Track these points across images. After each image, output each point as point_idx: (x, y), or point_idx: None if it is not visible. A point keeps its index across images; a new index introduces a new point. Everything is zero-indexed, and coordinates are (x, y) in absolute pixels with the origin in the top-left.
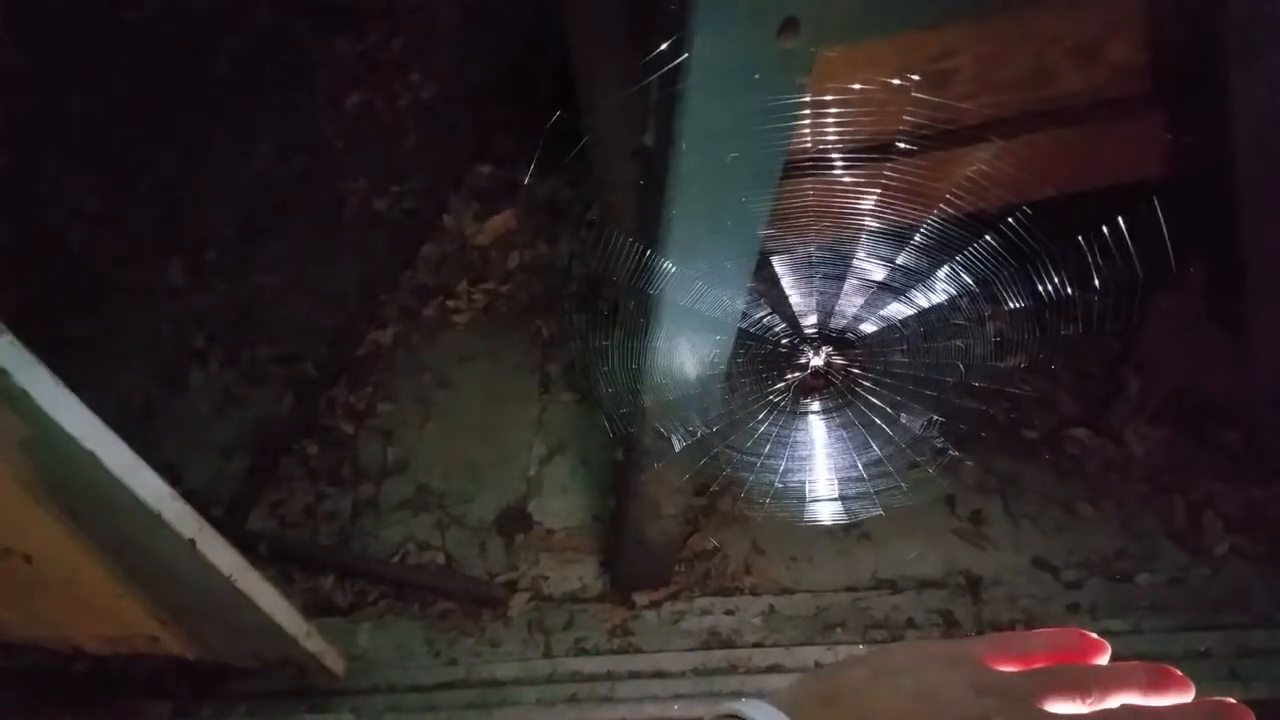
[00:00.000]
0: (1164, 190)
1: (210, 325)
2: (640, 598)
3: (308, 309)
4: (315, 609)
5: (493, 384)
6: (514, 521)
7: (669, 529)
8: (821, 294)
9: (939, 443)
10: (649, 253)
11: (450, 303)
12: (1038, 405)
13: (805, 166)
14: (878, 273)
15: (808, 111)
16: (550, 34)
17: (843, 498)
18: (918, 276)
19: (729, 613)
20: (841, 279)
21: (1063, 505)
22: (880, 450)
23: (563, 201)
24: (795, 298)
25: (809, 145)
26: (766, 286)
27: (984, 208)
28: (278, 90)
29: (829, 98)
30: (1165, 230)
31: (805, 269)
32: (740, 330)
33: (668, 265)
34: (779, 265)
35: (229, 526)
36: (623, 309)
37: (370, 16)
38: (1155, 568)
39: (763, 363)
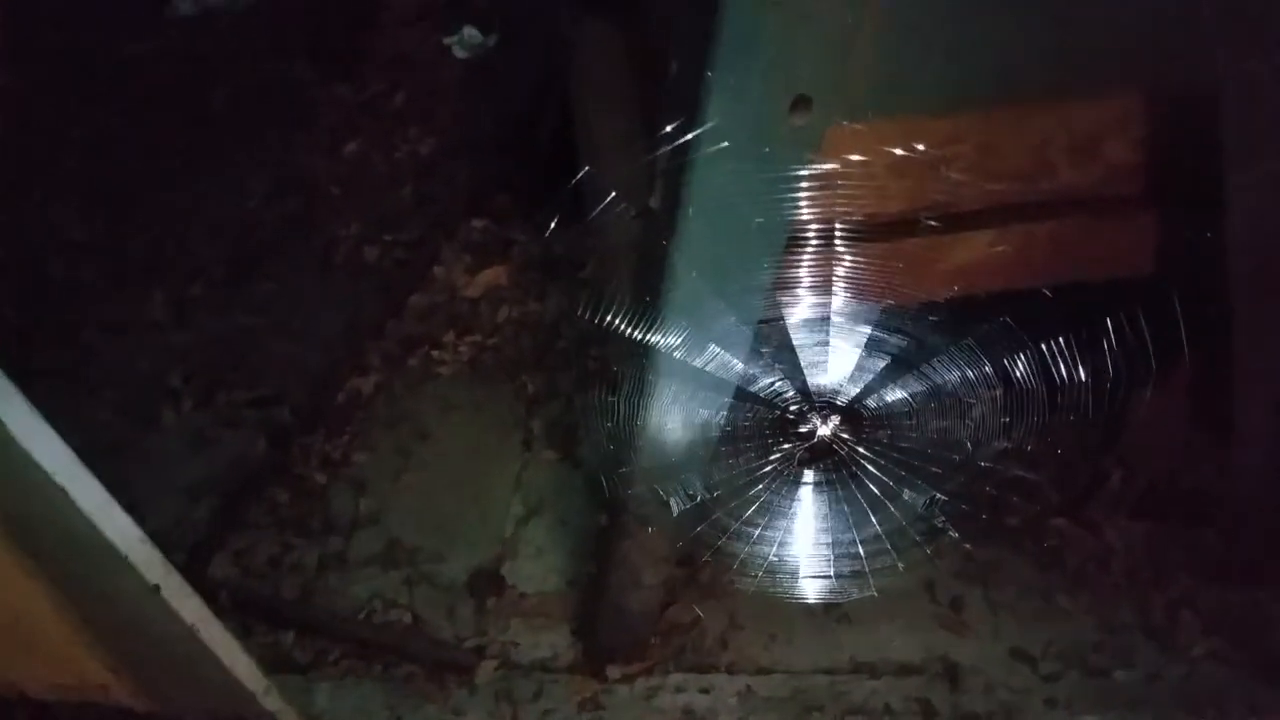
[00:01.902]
0: (1155, 287)
1: (188, 363)
2: (613, 670)
3: (289, 352)
4: (274, 664)
5: (474, 439)
6: (486, 583)
7: (649, 600)
8: (833, 364)
9: (939, 522)
10: (650, 313)
11: (435, 353)
12: (1021, 493)
13: (813, 237)
14: (890, 347)
15: (815, 185)
16: (554, 94)
17: (837, 575)
18: (929, 354)
19: (704, 691)
20: (854, 350)
21: (1042, 595)
22: (879, 526)
23: (555, 259)
24: (807, 366)
25: (816, 216)
26: (779, 352)
27: (978, 292)
28: (275, 132)
29: (835, 169)
30: (1154, 326)
31: (819, 338)
32: (749, 395)
33: (669, 326)
34: (793, 332)
35: (190, 572)
36: (620, 368)
37: (374, 68)
38: (1132, 664)
39: (768, 429)
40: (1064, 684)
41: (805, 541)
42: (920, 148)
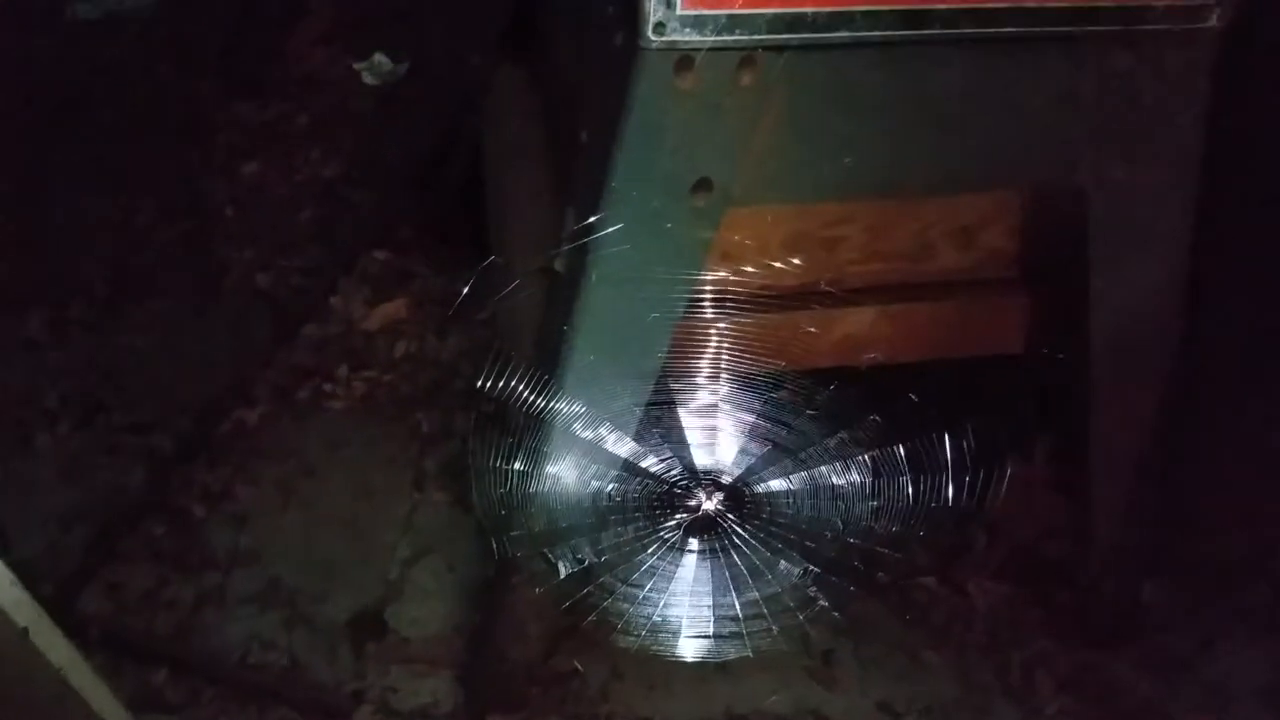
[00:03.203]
0: (1020, 365)
1: (65, 384)
2: (494, 719)
3: (173, 378)
4: (143, 704)
5: (362, 476)
6: (368, 626)
7: (532, 651)
8: (720, 446)
9: (811, 591)
10: (547, 381)
11: (327, 387)
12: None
13: (707, 308)
14: (772, 434)
15: (712, 261)
16: (464, 132)
17: (716, 635)
18: (805, 442)
19: None
20: (739, 435)
21: (908, 652)
22: (758, 592)
23: (457, 297)
24: (695, 446)
25: (712, 290)
26: (669, 431)
27: (857, 364)
28: (168, 148)
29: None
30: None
31: (709, 422)
32: (639, 469)
33: (565, 396)
34: (684, 415)
35: (59, 605)
36: (514, 433)
37: (279, 87)
38: None
39: (657, 501)
40: None
41: (687, 604)
42: (811, 227)
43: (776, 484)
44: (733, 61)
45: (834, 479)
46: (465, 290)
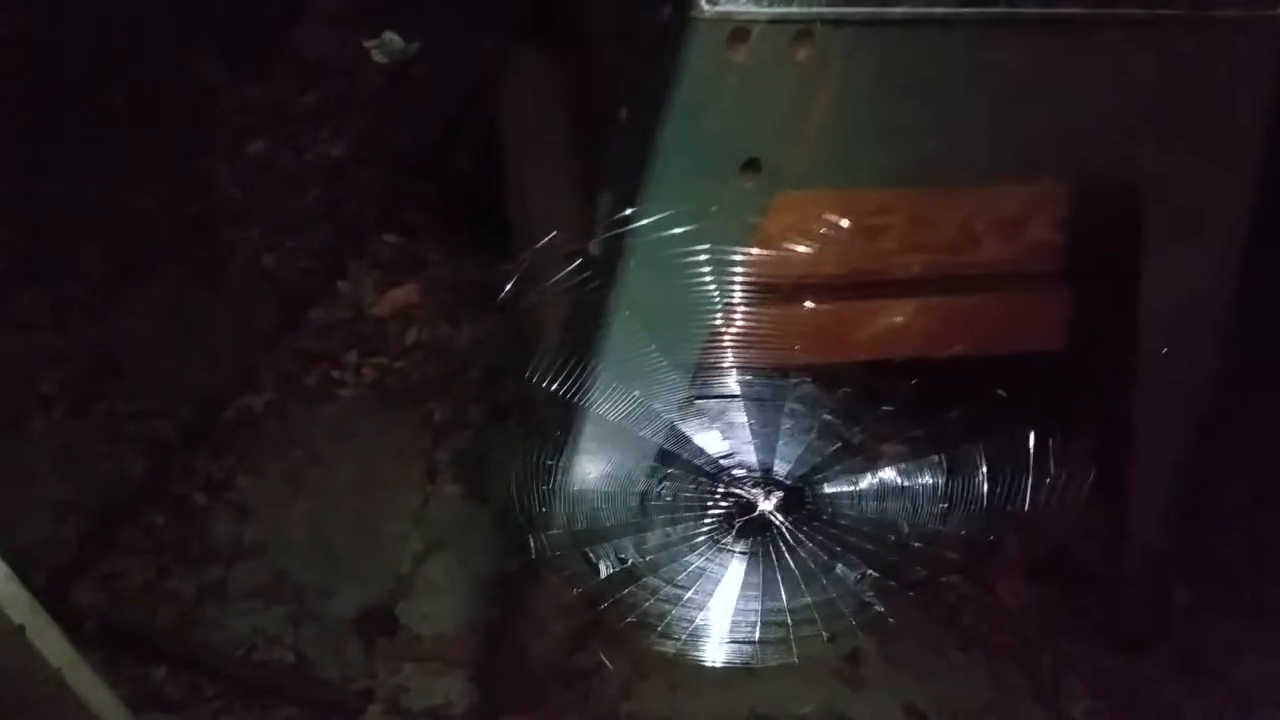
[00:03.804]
0: (1064, 361)
1: (63, 369)
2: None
3: (176, 364)
4: (142, 701)
5: (372, 468)
6: (377, 623)
7: (553, 649)
8: (781, 442)
9: (868, 596)
10: (582, 368)
11: (335, 373)
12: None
13: (747, 298)
14: (841, 425)
15: (755, 246)
16: (478, 114)
17: (762, 641)
18: (875, 441)
19: None
20: (804, 432)
21: (936, 651)
22: (810, 597)
23: (471, 285)
24: (753, 440)
25: (753, 277)
26: (726, 426)
27: (896, 357)
28: (173, 127)
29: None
30: (1057, 399)
31: (770, 416)
32: (692, 465)
33: (606, 384)
34: (744, 408)
35: (54, 597)
36: (553, 425)
37: (287, 66)
38: None
39: (710, 500)
40: None
41: (732, 608)
42: (855, 216)
43: (840, 484)
44: (789, 35)
45: (903, 480)
46: (510, 281)
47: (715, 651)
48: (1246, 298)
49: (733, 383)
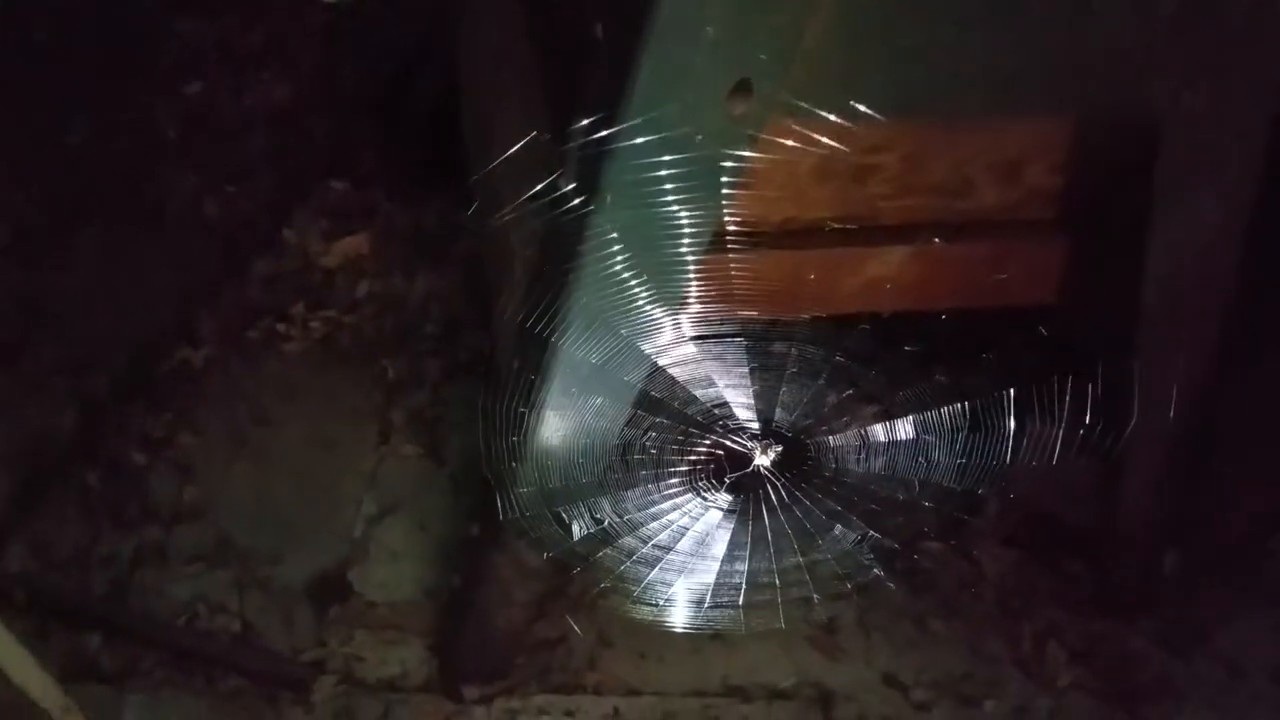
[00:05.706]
0: (1056, 316)
1: None
2: (470, 691)
3: (108, 314)
4: (75, 672)
5: (321, 426)
6: (329, 589)
7: (517, 617)
8: (785, 389)
9: (867, 559)
10: (551, 314)
11: (281, 327)
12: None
13: (728, 238)
14: (853, 368)
15: (740, 181)
16: (434, 51)
17: (746, 605)
18: (892, 387)
19: (569, 713)
20: (811, 379)
21: (914, 620)
22: (802, 558)
23: (426, 233)
24: (749, 387)
25: (736, 214)
26: (721, 368)
27: (882, 309)
28: (106, 64)
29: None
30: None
31: (773, 360)
32: (681, 414)
33: (581, 325)
34: (740, 352)
35: None
36: (524, 373)
37: (228, 2)
38: (1001, 695)
39: (697, 453)
40: (936, 713)
41: (715, 570)
42: (846, 155)
43: (848, 437)
44: None
45: (920, 431)
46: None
47: (692, 617)
48: (1257, 251)
49: (729, 321)
